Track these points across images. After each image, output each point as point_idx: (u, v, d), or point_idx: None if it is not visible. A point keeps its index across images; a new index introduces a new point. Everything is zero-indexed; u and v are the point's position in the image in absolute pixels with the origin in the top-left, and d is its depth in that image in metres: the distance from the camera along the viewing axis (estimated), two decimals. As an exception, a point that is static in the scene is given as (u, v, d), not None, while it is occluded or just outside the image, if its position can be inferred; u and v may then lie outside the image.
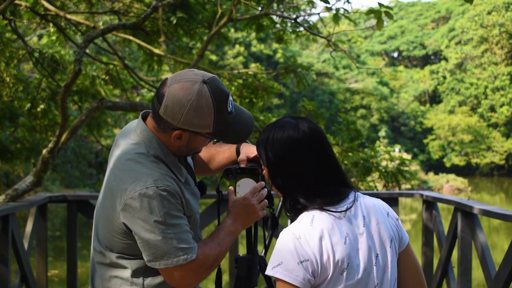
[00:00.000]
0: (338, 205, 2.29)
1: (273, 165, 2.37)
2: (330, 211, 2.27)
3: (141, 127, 2.58)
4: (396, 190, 8.27)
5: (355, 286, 2.21)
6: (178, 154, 2.61)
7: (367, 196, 2.41)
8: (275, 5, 9.14)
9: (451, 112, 58.64)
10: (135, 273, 2.53)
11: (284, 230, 2.27)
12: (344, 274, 2.20)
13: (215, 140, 2.61)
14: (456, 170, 53.80)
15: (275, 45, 50.12)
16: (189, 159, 2.85)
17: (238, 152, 2.86)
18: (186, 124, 2.44)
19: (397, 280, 2.37)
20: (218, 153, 2.95)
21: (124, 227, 2.45)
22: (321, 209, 2.27)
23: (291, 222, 2.32)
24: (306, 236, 2.20)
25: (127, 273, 2.53)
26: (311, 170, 2.31)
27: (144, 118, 2.62)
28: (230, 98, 2.52)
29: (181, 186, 2.54)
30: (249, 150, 2.81)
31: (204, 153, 2.98)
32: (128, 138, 2.61)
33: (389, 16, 6.86)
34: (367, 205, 2.34)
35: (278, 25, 9.70)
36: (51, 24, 9.12)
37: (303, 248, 2.19)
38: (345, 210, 2.28)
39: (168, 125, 2.47)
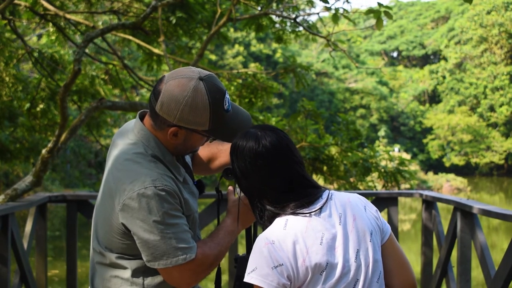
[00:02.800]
0: (311, 206, 2.28)
1: (237, 174, 2.38)
2: (303, 213, 2.26)
3: (139, 127, 2.58)
4: (396, 190, 8.27)
5: (334, 284, 2.21)
6: (175, 153, 2.61)
7: (342, 192, 2.40)
8: (274, 4, 9.13)
9: (451, 111, 58.69)
10: (135, 273, 2.52)
11: (259, 235, 2.28)
12: (323, 274, 2.20)
13: (212, 138, 2.61)
14: (455, 169, 53.85)
15: (274, 45, 50.16)
16: (188, 158, 2.85)
17: None
18: (181, 120, 2.43)
19: (384, 272, 2.36)
20: (220, 152, 2.95)
21: (123, 228, 2.45)
22: (294, 213, 2.27)
23: (263, 230, 2.33)
24: (280, 241, 2.21)
25: (127, 273, 2.53)
26: (275, 182, 2.31)
27: (142, 118, 2.62)
28: (227, 96, 2.52)
29: (179, 186, 2.53)
30: None
31: (205, 152, 2.98)
32: (125, 138, 2.61)
33: (389, 16, 6.86)
34: (342, 202, 2.33)
35: (277, 25, 9.70)
36: (50, 24, 9.12)
37: (277, 253, 2.19)
38: (319, 209, 2.27)
39: (164, 122, 2.47)
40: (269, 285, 2.18)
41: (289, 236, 2.21)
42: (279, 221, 2.27)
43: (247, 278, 2.23)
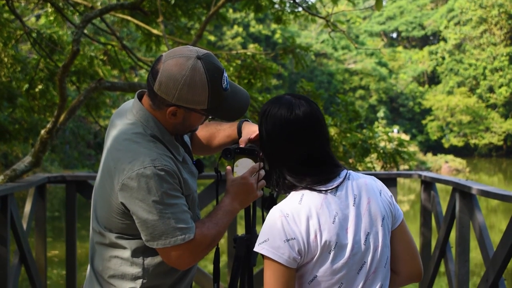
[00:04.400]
0: (328, 184, 2.28)
1: (264, 138, 2.37)
2: (319, 190, 2.26)
3: (137, 107, 2.57)
4: (394, 171, 8.27)
5: (342, 265, 2.22)
6: (174, 132, 2.60)
7: (360, 174, 2.40)
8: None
9: (450, 93, 58.60)
10: (135, 253, 2.53)
11: (273, 207, 2.28)
12: (332, 253, 2.20)
13: (210, 117, 2.60)
14: (454, 151, 53.82)
15: (273, 26, 49.97)
16: (186, 137, 2.84)
17: (239, 131, 2.85)
18: (180, 100, 2.43)
19: (392, 257, 2.37)
20: (219, 132, 2.94)
21: (122, 207, 2.45)
22: (311, 188, 2.27)
23: (266, 207, 2.34)
24: (294, 215, 2.21)
25: (126, 253, 2.53)
26: (299, 152, 2.30)
27: (140, 98, 2.62)
28: (225, 74, 2.51)
29: (178, 165, 2.53)
30: (251, 129, 2.79)
31: (204, 132, 2.97)
32: (124, 118, 2.60)
33: (388, -4, 6.82)
34: (359, 184, 2.33)
35: (276, 5, 9.67)
36: (49, 5, 9.07)
37: (290, 226, 2.19)
38: (335, 188, 2.27)
39: (162, 102, 2.47)
40: (280, 257, 2.18)
41: (304, 210, 2.22)
42: (294, 195, 2.28)
43: (257, 248, 2.23)
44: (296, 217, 2.21)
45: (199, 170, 2.75)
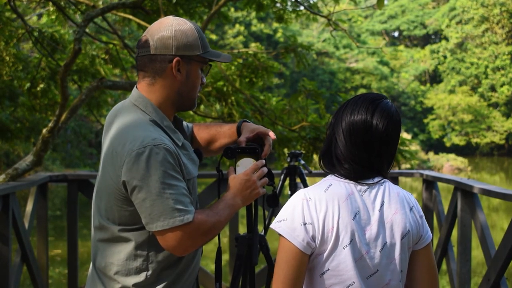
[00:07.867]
0: (359, 182, 2.28)
1: (332, 120, 2.38)
2: (348, 184, 2.27)
3: (136, 94, 2.62)
4: (396, 170, 8.27)
5: (355, 264, 2.21)
6: (179, 101, 2.64)
7: (397, 186, 2.38)
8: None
9: (452, 91, 58.57)
10: (139, 246, 2.53)
11: (299, 190, 2.30)
12: (346, 249, 2.20)
13: (208, 65, 2.70)
14: (456, 149, 53.81)
15: (275, 25, 50.01)
16: (187, 127, 2.88)
17: (239, 132, 2.86)
18: (179, 48, 2.55)
19: (409, 277, 2.36)
20: (219, 134, 2.95)
21: (124, 192, 2.45)
22: (340, 180, 2.28)
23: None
24: (316, 201, 2.22)
25: (130, 246, 2.53)
26: (353, 147, 2.28)
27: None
28: None
29: (178, 150, 2.55)
30: (250, 129, 2.80)
31: (204, 134, 2.99)
32: (121, 114, 2.62)
33: (390, -5, 6.82)
34: (391, 193, 2.32)
35: (278, 4, 9.66)
36: (50, 3, 9.07)
37: (310, 211, 2.21)
38: (365, 188, 2.27)
39: (164, 60, 2.56)
40: (295, 239, 2.19)
41: (327, 199, 2.23)
42: (323, 183, 2.30)
43: (274, 226, 2.25)
44: (318, 204, 2.22)
45: (198, 158, 2.76)
